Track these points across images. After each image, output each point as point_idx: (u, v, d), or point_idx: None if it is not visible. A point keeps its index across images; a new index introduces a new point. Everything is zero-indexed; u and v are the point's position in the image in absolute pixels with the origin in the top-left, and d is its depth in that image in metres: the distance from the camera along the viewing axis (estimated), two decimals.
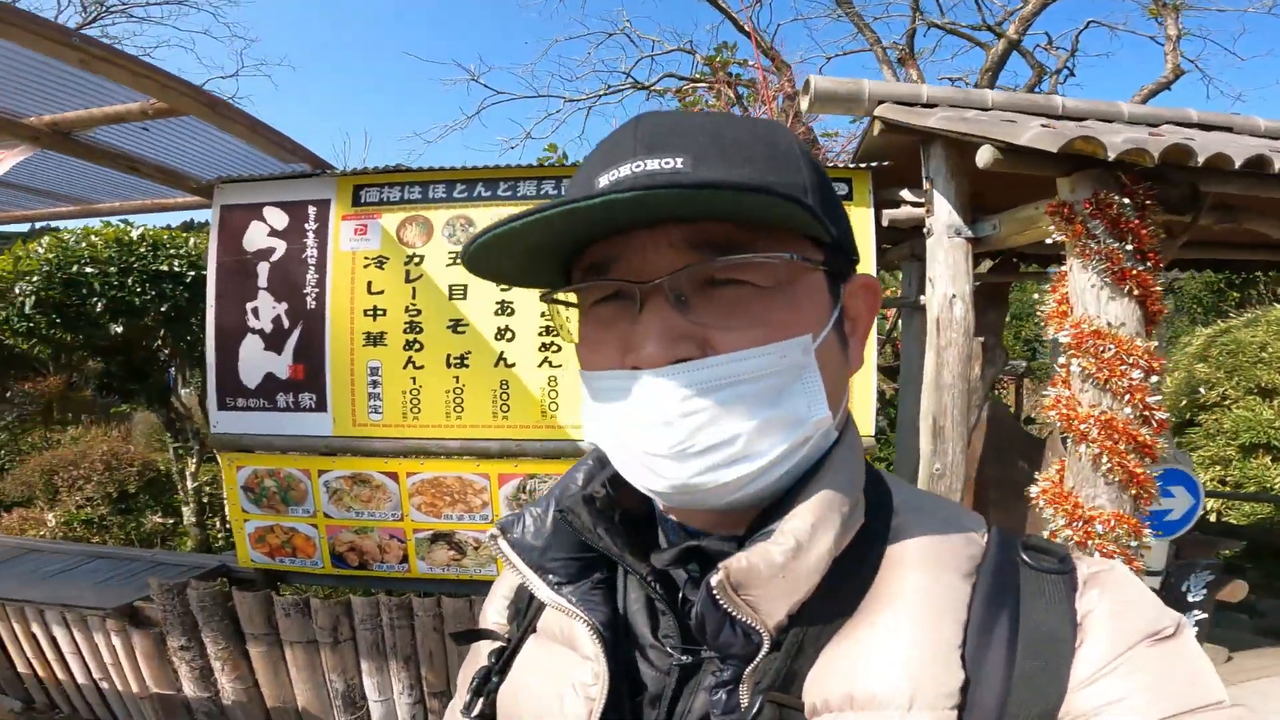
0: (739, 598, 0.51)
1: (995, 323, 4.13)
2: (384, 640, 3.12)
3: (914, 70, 8.74)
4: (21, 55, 2.39)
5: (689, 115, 0.55)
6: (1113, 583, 0.54)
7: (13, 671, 3.69)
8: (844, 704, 0.50)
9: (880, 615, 0.53)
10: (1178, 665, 0.49)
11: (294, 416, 3.25)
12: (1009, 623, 0.52)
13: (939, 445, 2.81)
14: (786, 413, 0.52)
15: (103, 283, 5.23)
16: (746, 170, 0.52)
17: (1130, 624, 0.51)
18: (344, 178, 3.19)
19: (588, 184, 0.54)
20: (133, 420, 8.71)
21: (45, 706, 3.71)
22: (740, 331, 0.52)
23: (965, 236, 2.78)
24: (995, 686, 0.49)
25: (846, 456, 0.58)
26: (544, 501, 0.65)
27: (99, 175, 3.78)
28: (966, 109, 2.75)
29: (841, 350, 0.58)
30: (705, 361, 0.51)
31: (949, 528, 0.58)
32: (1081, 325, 2.31)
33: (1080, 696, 0.48)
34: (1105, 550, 2.22)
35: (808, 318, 0.54)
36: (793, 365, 0.52)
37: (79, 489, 6.46)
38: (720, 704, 0.53)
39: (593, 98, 10.44)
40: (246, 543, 3.40)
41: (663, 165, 0.51)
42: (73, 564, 4.04)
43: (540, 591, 0.61)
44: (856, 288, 0.61)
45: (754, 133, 0.55)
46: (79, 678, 3.56)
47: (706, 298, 0.52)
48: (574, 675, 0.59)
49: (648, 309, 0.52)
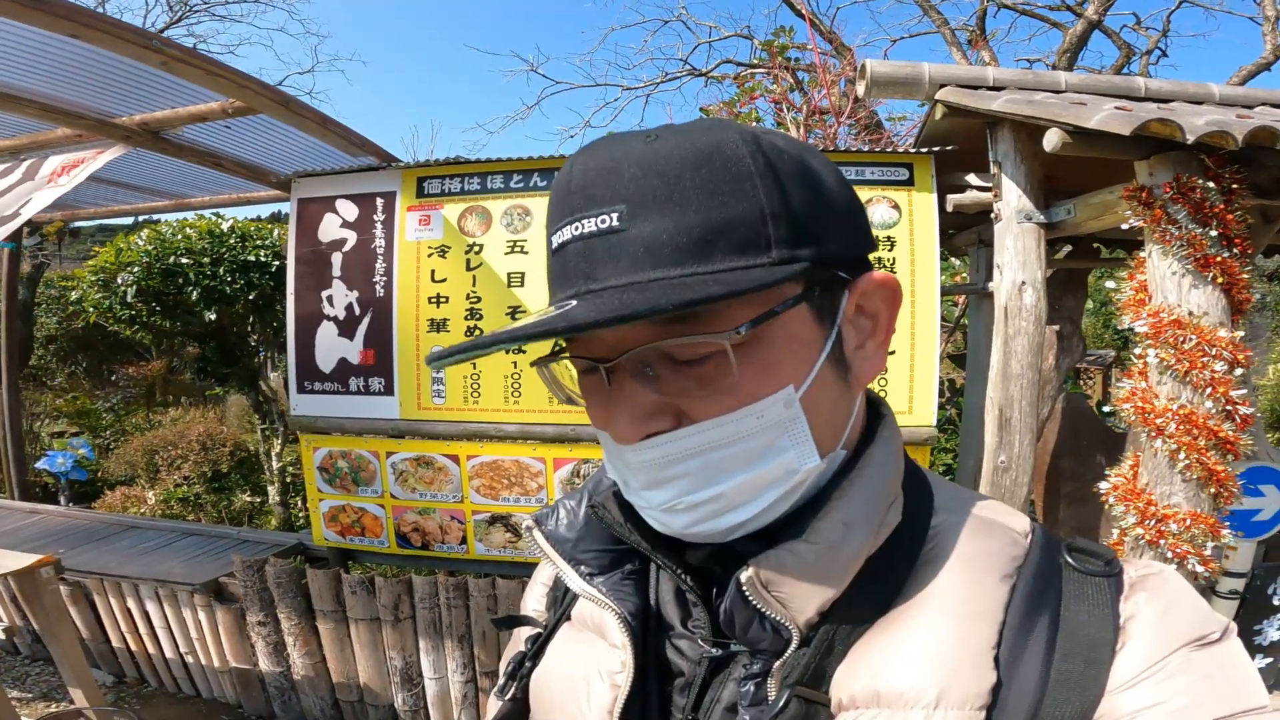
0: (769, 594, 0.52)
1: (1073, 310, 3.94)
2: (441, 619, 3.21)
3: (986, 52, 8.37)
4: (110, 58, 2.54)
5: (625, 144, 0.51)
6: (1160, 586, 0.53)
7: (108, 646, 3.92)
8: (870, 701, 0.50)
9: (913, 615, 0.52)
10: (1220, 670, 0.48)
11: (364, 400, 3.38)
12: (1048, 625, 0.51)
13: (1005, 437, 2.72)
14: (773, 468, 0.51)
15: (197, 272, 5.50)
16: (687, 214, 0.48)
17: (1174, 628, 0.50)
18: (408, 170, 3.28)
19: (549, 236, 0.54)
20: (226, 403, 9.17)
21: (135, 680, 3.94)
22: (712, 400, 0.50)
23: (1036, 221, 2.68)
24: (1029, 688, 0.49)
25: (883, 454, 0.57)
26: (578, 495, 0.67)
27: (190, 171, 4.00)
28: (1036, 91, 2.63)
29: (840, 377, 0.55)
30: (678, 434, 0.51)
31: (990, 528, 0.57)
32: (1160, 314, 2.20)
33: (1118, 700, 0.47)
34: (1178, 550, 2.11)
35: (785, 369, 0.51)
36: (776, 421, 0.51)
37: (177, 468, 6.82)
38: (748, 695, 0.55)
39: (650, 85, 10.40)
40: (321, 522, 3.57)
41: (598, 225, 0.49)
42: (167, 540, 4.28)
43: (572, 582, 0.63)
44: (872, 288, 0.55)
45: (691, 154, 0.49)
46: (167, 651, 3.77)
47: (673, 369, 0.51)
48: (602, 662, 0.61)
49: (615, 384, 0.52)
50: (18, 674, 3.96)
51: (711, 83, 9.27)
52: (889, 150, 3.00)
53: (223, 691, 3.73)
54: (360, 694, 3.42)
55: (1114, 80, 2.91)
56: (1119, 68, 8.61)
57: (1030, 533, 0.58)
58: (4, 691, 2.63)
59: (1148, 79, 2.85)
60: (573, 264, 0.50)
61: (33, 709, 3.54)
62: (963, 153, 2.88)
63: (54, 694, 3.70)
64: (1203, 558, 2.12)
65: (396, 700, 3.37)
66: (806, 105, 5.82)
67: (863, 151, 3.00)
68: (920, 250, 2.90)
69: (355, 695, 3.44)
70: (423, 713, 3.37)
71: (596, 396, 0.55)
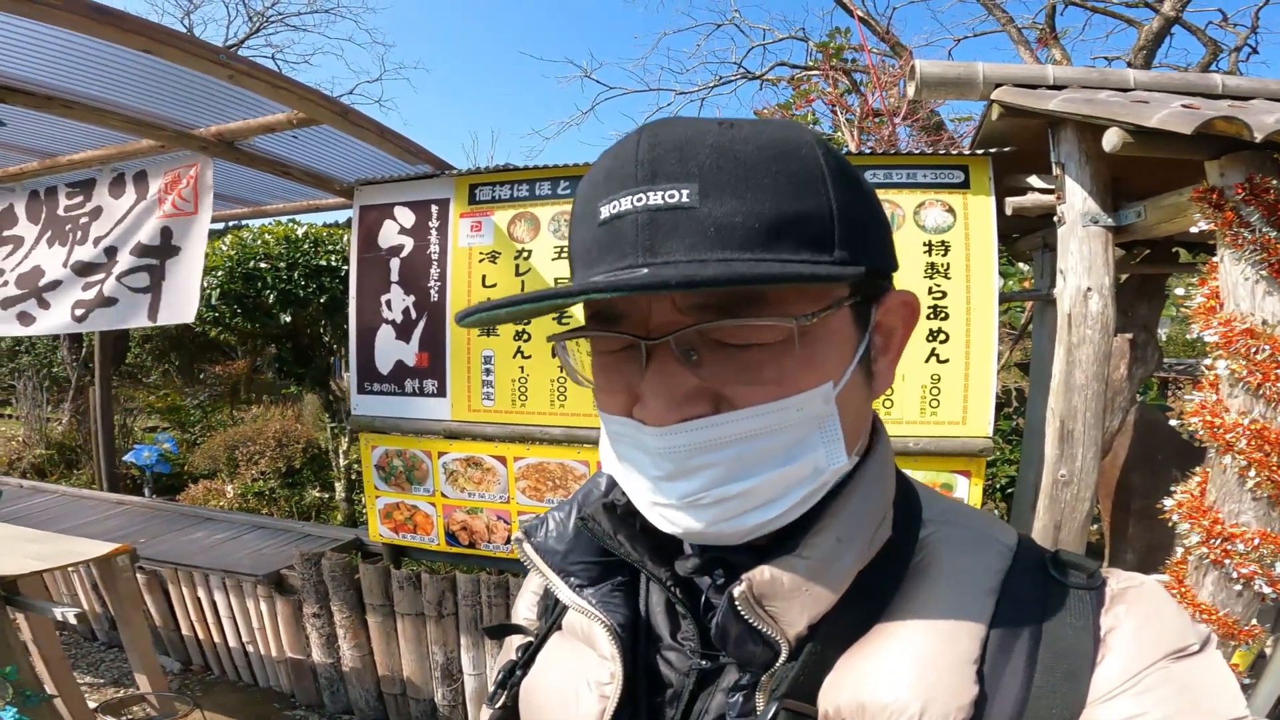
0: (761, 609, 0.52)
1: (1148, 318, 3.74)
2: (482, 617, 3.27)
3: (1057, 50, 8.02)
4: (186, 73, 2.69)
5: (698, 127, 0.50)
6: (1140, 599, 0.53)
7: (178, 633, 4.11)
8: (856, 713, 0.49)
9: (899, 628, 0.52)
10: (1199, 682, 0.48)
11: (419, 401, 3.47)
12: (1030, 638, 0.51)
13: (1066, 450, 2.61)
14: (803, 465, 0.51)
15: (274, 276, 5.78)
16: (761, 202, 0.48)
17: (1154, 640, 0.50)
18: (460, 178, 3.35)
19: (591, 207, 0.52)
20: (302, 401, 9.57)
21: (200, 668, 4.12)
22: (756, 387, 0.50)
23: (1104, 225, 2.56)
24: (1011, 701, 0.49)
25: (877, 469, 0.57)
26: (567, 506, 0.68)
27: (265, 179, 4.20)
28: (1100, 90, 2.52)
29: (866, 382, 0.56)
30: (717, 419, 0.49)
31: (977, 541, 0.57)
32: (1232, 323, 2.08)
33: (1097, 711, 0.47)
34: (1244, 571, 1.99)
35: (828, 365, 0.51)
36: (812, 416, 0.51)
37: (254, 463, 7.13)
38: (736, 707, 0.55)
39: (704, 89, 10.38)
40: (377, 518, 3.68)
41: (666, 199, 0.47)
42: (238, 533, 4.50)
43: (562, 593, 0.64)
44: (895, 305, 0.56)
45: (768, 146, 0.49)
46: (230, 641, 3.93)
47: (717, 354, 0.50)
48: (591, 673, 0.61)
49: (654, 365, 0.50)
50: (92, 660, 4.16)
51: (766, 86, 9.19)
52: (949, 152, 2.90)
53: (278, 681, 3.88)
54: (403, 687, 3.51)
55: (1188, 78, 2.76)
56: (1205, 66, 8.14)
57: (1016, 545, 0.58)
58: (73, 676, 2.76)
59: (1226, 76, 2.71)
60: (629, 235, 0.48)
61: (102, 694, 3.72)
62: (1022, 154, 2.78)
63: (124, 680, 3.88)
64: (1270, 578, 2.00)
65: (437, 695, 3.44)
66: (862, 107, 5.70)
67: (915, 154, 2.91)
68: (976, 255, 2.80)
69: (399, 689, 3.52)
70: (461, 708, 3.43)
71: (618, 379, 0.54)
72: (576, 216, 0.55)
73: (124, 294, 3.73)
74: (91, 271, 3.80)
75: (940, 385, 2.83)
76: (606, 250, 0.50)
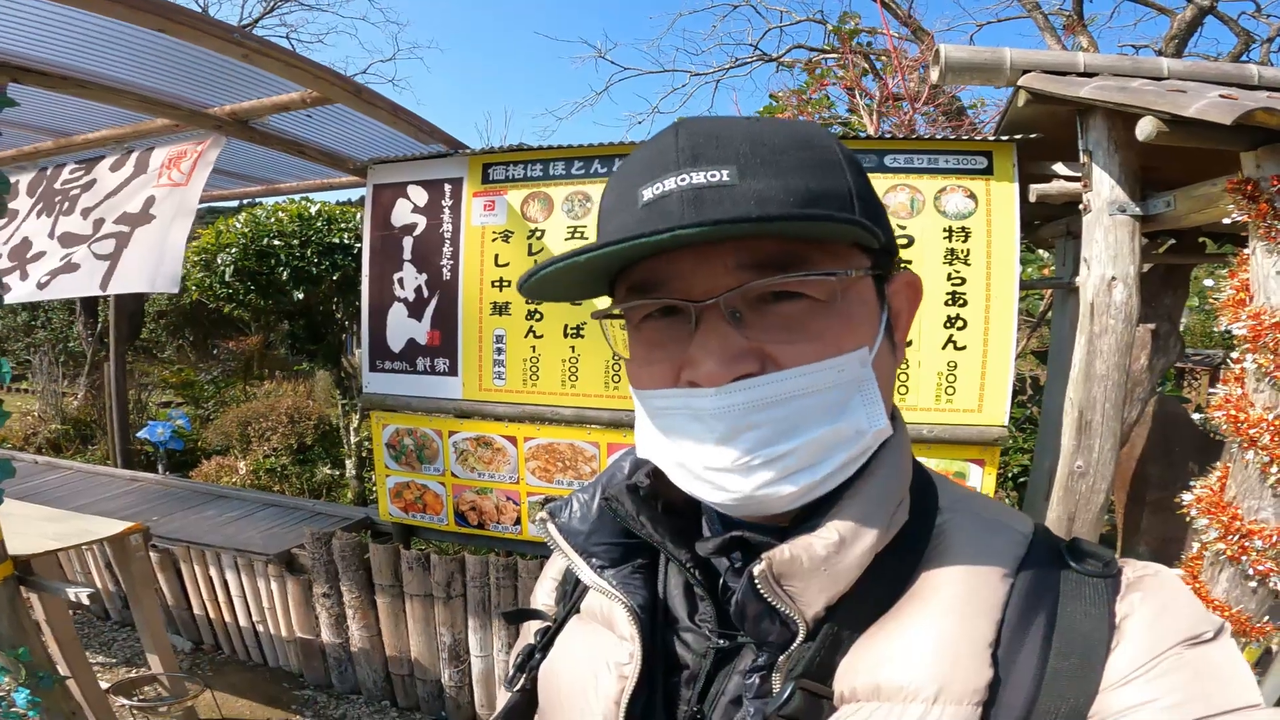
0: (780, 588, 0.53)
1: (1172, 308, 3.67)
2: (489, 599, 3.27)
3: (1084, 38, 7.83)
4: (201, 52, 2.67)
5: (729, 121, 0.54)
6: (1155, 587, 0.53)
7: (189, 613, 4.13)
8: (871, 694, 0.50)
9: (915, 611, 0.53)
10: (1212, 669, 0.48)
11: (430, 379, 3.47)
12: (1045, 623, 0.52)
13: (1083, 441, 2.58)
14: (848, 425, 0.53)
15: (287, 253, 5.77)
16: (793, 180, 0.51)
17: (1168, 627, 0.50)
18: (474, 157, 3.33)
19: (630, 194, 0.54)
20: (314, 378, 9.59)
21: (211, 647, 4.13)
22: (801, 345, 0.52)
23: (1131, 214, 2.52)
24: (1025, 685, 0.50)
25: (894, 454, 0.58)
26: (591, 488, 0.69)
27: (279, 157, 4.17)
28: (1133, 78, 2.47)
29: (891, 354, 0.58)
30: (770, 377, 0.51)
31: (992, 528, 0.59)
32: (1261, 316, 2.04)
33: (1111, 697, 0.48)
34: (1261, 568, 1.96)
35: (863, 329, 0.54)
36: (853, 378, 0.53)
37: (266, 439, 7.18)
38: (753, 687, 0.56)
39: (719, 71, 10.24)
40: (387, 497, 3.69)
41: (708, 178, 0.51)
42: (249, 510, 4.51)
43: (583, 574, 0.65)
44: (900, 285, 0.60)
45: (794, 137, 0.54)
46: (241, 620, 3.94)
47: (762, 314, 0.52)
48: (610, 654, 0.62)
49: (704, 327, 0.52)
50: (105, 639, 4.17)
51: (782, 69, 9.05)
52: (970, 138, 2.85)
53: (287, 660, 3.90)
54: (411, 668, 3.53)
55: (1224, 68, 2.69)
56: (1236, 56, 7.95)
57: (1032, 533, 0.59)
58: (85, 657, 2.75)
59: (1263, 67, 2.64)
60: (675, 210, 0.51)
61: (114, 674, 3.72)
62: (1047, 141, 2.72)
63: (136, 659, 3.88)
64: None
65: (443, 675, 3.45)
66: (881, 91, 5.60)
67: (938, 139, 2.85)
68: (998, 242, 2.75)
69: (406, 669, 3.54)
70: (467, 689, 3.45)
71: (659, 350, 0.56)
72: (611, 207, 0.57)
73: (88, 260, 3.52)
74: (73, 242, 3.65)
75: (957, 372, 2.79)
76: (653, 225, 0.50)
